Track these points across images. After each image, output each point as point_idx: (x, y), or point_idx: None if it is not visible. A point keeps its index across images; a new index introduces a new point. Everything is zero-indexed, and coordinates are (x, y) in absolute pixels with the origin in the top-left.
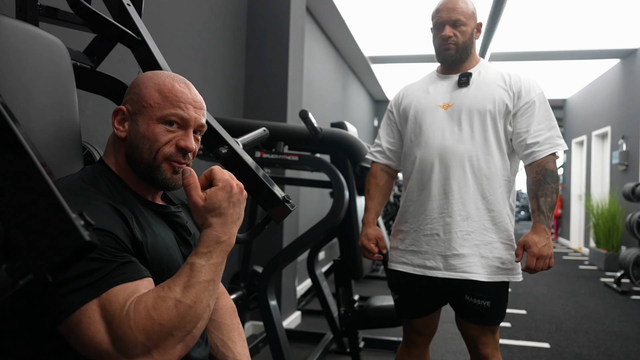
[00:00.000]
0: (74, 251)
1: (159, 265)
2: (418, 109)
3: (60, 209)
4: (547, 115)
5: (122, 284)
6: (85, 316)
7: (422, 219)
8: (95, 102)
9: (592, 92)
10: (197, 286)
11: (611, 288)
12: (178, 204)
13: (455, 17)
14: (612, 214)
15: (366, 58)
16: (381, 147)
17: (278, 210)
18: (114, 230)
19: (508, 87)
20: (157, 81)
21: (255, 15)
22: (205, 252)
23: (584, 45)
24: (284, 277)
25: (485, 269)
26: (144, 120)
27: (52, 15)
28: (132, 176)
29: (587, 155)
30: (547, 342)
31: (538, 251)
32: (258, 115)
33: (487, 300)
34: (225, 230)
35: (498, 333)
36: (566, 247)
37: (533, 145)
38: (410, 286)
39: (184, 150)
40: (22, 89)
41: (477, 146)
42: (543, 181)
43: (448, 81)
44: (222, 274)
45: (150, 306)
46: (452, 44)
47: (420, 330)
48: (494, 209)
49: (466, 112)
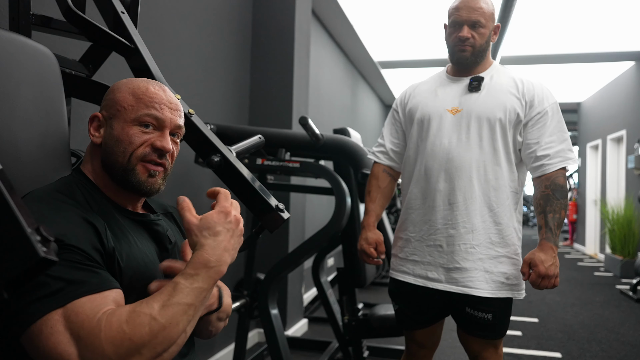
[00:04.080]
0: (29, 267)
1: (134, 275)
2: (425, 112)
3: (15, 223)
4: (559, 127)
5: (89, 295)
6: (46, 326)
7: (425, 229)
8: (95, 111)
9: (606, 95)
10: (175, 307)
11: (627, 295)
12: (158, 212)
13: (475, 17)
14: (628, 220)
15: (376, 63)
16: (384, 148)
17: (271, 219)
18: (80, 242)
19: (520, 95)
20: (131, 85)
21: (259, 21)
22: (192, 274)
23: (598, 47)
24: (290, 285)
25: (490, 284)
26: (118, 123)
27: (46, 24)
28: (109, 184)
29: (602, 159)
30: (559, 351)
31: (545, 270)
32: (263, 121)
33: (488, 313)
34: (215, 254)
35: (501, 348)
36: (581, 253)
37: (543, 157)
38: (410, 296)
39: (160, 150)
40: (5, 99)
41: (486, 156)
42: (552, 196)
43: (458, 84)
44: (206, 302)
45: (124, 319)
46: (469, 45)
47: (422, 342)
48: (502, 222)
49: (475, 119)
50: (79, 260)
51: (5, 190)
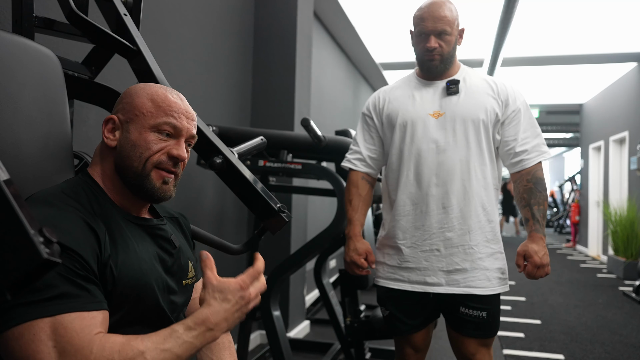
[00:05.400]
0: (32, 269)
1: (129, 282)
2: (406, 117)
3: (19, 225)
4: (531, 123)
5: (78, 312)
6: (29, 332)
7: (418, 235)
8: (97, 113)
9: (609, 96)
10: (166, 353)
11: (630, 297)
12: (163, 216)
13: (441, 27)
14: (631, 221)
15: (377, 64)
16: (361, 155)
17: (274, 222)
18: (80, 247)
19: (496, 95)
20: (150, 91)
21: (261, 23)
22: (190, 327)
23: (600, 49)
24: (292, 286)
25: (491, 281)
26: (136, 128)
27: (49, 27)
28: (118, 187)
29: (604, 160)
30: (562, 353)
31: (540, 260)
32: (265, 122)
33: (483, 311)
34: (217, 318)
35: (492, 349)
36: (584, 254)
37: (522, 153)
38: (403, 301)
39: (176, 159)
40: (8, 101)
41: (474, 156)
42: (535, 189)
43: (434, 88)
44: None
45: (117, 349)
46: (437, 54)
47: (418, 345)
48: (493, 220)
49: (460, 122)
50: (75, 269)
51: (8, 192)
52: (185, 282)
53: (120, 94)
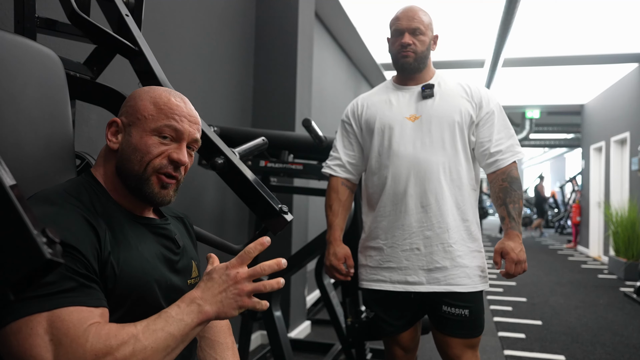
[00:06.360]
0: (35, 268)
1: (130, 280)
2: (384, 122)
3: (21, 225)
4: (505, 124)
5: (77, 306)
6: (27, 327)
7: (399, 234)
8: (99, 113)
9: (610, 97)
10: (158, 332)
11: (631, 298)
12: (167, 216)
13: (415, 25)
14: (632, 222)
15: (379, 65)
16: (340, 161)
17: (275, 222)
18: (81, 245)
19: (470, 98)
20: (153, 94)
21: (263, 24)
22: (179, 305)
23: (601, 49)
24: (293, 287)
25: (471, 278)
26: (137, 131)
27: (51, 27)
28: (120, 189)
29: (605, 161)
30: (563, 354)
31: (516, 257)
32: (266, 123)
33: (465, 309)
34: (204, 296)
35: (478, 352)
36: (585, 255)
37: (496, 153)
38: (387, 302)
39: (176, 163)
40: (10, 101)
41: (449, 157)
42: (510, 188)
43: (410, 92)
44: (190, 344)
45: (113, 334)
46: (411, 51)
47: (406, 345)
48: (468, 219)
49: (436, 124)
50: (75, 267)
51: (11, 191)
52: (190, 281)
53: (122, 94)
